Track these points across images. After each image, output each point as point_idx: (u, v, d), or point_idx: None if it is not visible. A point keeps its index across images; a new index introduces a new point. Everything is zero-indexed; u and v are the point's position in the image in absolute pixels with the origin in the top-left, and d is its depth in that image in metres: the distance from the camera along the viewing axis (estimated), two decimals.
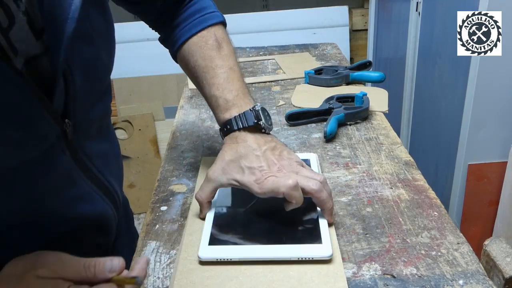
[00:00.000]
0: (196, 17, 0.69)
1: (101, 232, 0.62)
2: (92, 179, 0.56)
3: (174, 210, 0.68)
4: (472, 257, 0.55)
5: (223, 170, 0.59)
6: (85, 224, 0.57)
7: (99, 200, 0.58)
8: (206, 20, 0.69)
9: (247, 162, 0.58)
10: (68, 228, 0.55)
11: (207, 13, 0.69)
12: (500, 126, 1.37)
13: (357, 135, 0.87)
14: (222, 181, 0.59)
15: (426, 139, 1.76)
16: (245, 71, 1.26)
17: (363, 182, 0.72)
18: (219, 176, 0.59)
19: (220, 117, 0.64)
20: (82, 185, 0.55)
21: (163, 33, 0.73)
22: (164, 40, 0.74)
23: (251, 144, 0.60)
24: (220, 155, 0.61)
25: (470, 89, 1.34)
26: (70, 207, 0.53)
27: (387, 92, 1.05)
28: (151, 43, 2.35)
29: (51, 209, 0.51)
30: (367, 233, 0.60)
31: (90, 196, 0.56)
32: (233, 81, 0.64)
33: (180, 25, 0.69)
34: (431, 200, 0.66)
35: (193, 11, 0.69)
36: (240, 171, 0.58)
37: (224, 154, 0.60)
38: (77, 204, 0.54)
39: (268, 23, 2.43)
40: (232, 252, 0.55)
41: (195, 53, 0.67)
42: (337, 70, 1.13)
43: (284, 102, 1.04)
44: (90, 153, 0.56)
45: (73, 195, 0.53)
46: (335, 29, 2.47)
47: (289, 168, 0.58)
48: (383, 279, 0.53)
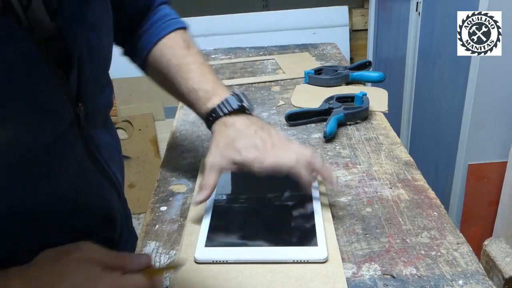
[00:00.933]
0: (162, 22, 0.71)
1: (108, 225, 0.62)
2: (100, 169, 0.57)
3: (173, 210, 0.68)
4: (471, 257, 0.55)
5: (221, 155, 0.60)
6: (95, 216, 0.57)
7: (106, 191, 0.59)
8: (172, 25, 0.71)
9: (241, 143, 0.59)
10: (79, 219, 0.55)
11: (171, 19, 0.72)
12: (500, 126, 1.37)
13: (357, 135, 0.87)
14: (222, 165, 0.59)
15: (426, 139, 1.76)
16: (245, 71, 1.26)
17: (362, 182, 0.72)
18: (219, 161, 0.59)
19: (203, 108, 0.64)
20: (92, 175, 0.55)
21: (128, 45, 0.74)
22: (130, 52, 0.74)
23: (240, 126, 0.61)
24: (213, 143, 0.61)
25: (470, 89, 1.34)
26: (81, 196, 0.54)
27: (387, 92, 1.05)
28: None
29: (64, 197, 0.52)
30: (366, 233, 0.60)
31: (99, 187, 0.57)
32: (207, 75, 0.66)
33: (148, 31, 0.71)
34: (431, 200, 0.66)
35: (158, 17, 0.72)
36: (236, 152, 0.59)
37: (217, 140, 0.61)
38: (88, 194, 0.55)
39: (268, 23, 2.43)
40: (228, 254, 0.55)
41: (166, 54, 0.69)
42: (337, 70, 1.13)
43: (284, 102, 1.04)
44: (98, 143, 0.56)
45: (84, 184, 0.54)
46: (335, 29, 2.47)
47: (281, 144, 0.60)
48: (383, 279, 0.52)
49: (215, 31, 2.39)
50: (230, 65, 1.33)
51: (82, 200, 0.54)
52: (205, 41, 2.28)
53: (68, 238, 0.46)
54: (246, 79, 1.20)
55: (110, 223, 0.62)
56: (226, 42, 2.15)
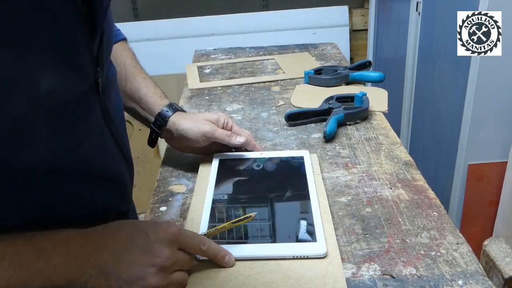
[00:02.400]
0: (114, 30, 0.78)
1: (119, 198, 0.64)
2: (113, 137, 0.59)
3: (173, 211, 0.68)
4: (471, 257, 0.55)
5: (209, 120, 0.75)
6: (109, 184, 0.59)
7: (119, 160, 0.61)
8: (119, 35, 0.82)
9: (206, 115, 0.77)
10: (95, 185, 0.57)
11: (117, 29, 0.81)
12: (500, 126, 1.37)
13: (356, 135, 0.87)
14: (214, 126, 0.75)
15: (426, 139, 1.76)
16: (245, 71, 1.26)
17: (362, 182, 0.72)
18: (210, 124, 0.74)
19: (161, 102, 0.78)
20: (107, 141, 0.58)
21: None
22: None
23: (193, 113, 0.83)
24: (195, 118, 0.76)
25: (470, 89, 1.34)
26: (97, 161, 0.56)
27: (386, 92, 1.05)
28: (151, 43, 2.36)
29: (82, 160, 0.53)
30: (366, 233, 0.60)
31: (113, 154, 0.60)
32: (155, 84, 0.82)
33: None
34: (431, 200, 0.66)
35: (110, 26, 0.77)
36: (212, 115, 0.77)
37: (185, 118, 0.75)
38: (103, 159, 0.57)
39: (268, 23, 2.43)
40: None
41: (121, 56, 0.79)
42: (337, 70, 1.13)
43: (284, 102, 1.04)
44: (111, 113, 0.59)
45: (100, 149, 0.56)
46: (335, 29, 2.47)
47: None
48: (383, 279, 0.52)
49: (215, 31, 2.39)
50: (230, 65, 1.33)
51: (97, 163, 0.56)
52: (205, 41, 2.28)
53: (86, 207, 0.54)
54: (246, 79, 1.20)
55: (122, 196, 0.64)
56: (226, 42, 2.15)
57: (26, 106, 0.44)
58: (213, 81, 1.20)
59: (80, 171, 0.53)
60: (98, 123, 0.55)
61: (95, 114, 0.54)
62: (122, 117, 0.67)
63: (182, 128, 0.74)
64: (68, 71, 0.47)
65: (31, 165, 0.47)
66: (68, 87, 0.48)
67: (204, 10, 2.48)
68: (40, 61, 0.43)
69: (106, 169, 0.58)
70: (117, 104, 0.65)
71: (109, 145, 0.58)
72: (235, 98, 1.09)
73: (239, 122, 0.96)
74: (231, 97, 1.09)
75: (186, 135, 0.74)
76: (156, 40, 2.35)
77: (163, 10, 2.55)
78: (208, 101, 1.08)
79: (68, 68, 0.47)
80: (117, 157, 0.61)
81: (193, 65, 1.34)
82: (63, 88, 0.47)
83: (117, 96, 0.66)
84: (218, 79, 1.22)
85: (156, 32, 2.34)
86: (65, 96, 0.48)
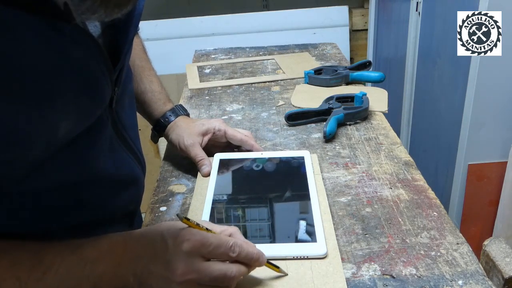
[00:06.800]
0: None
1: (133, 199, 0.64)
2: (127, 146, 0.60)
3: (173, 211, 0.68)
4: (471, 257, 0.55)
5: (196, 134, 0.77)
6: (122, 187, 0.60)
7: (134, 166, 0.62)
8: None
9: (200, 121, 0.80)
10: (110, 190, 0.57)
11: None
12: (500, 126, 1.37)
13: (356, 135, 0.87)
14: (198, 140, 0.77)
15: (426, 139, 1.76)
16: (245, 71, 1.26)
17: (362, 182, 0.72)
18: (195, 138, 0.77)
19: (163, 107, 0.81)
20: (121, 152, 0.59)
21: None
22: None
23: (189, 119, 0.82)
24: (184, 129, 0.78)
25: (470, 89, 1.34)
26: (108, 168, 0.56)
27: (386, 92, 1.05)
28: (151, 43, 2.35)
29: (94, 172, 0.53)
30: (366, 233, 0.60)
31: (128, 162, 0.61)
32: (162, 85, 0.84)
33: None
34: (431, 200, 0.66)
35: None
36: (200, 125, 0.79)
37: (181, 128, 0.78)
38: (119, 168, 0.58)
39: (268, 23, 2.43)
40: None
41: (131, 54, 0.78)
42: (337, 70, 1.13)
43: (284, 102, 1.04)
44: (125, 123, 0.60)
45: (115, 159, 0.57)
46: (335, 29, 2.47)
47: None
48: (383, 279, 0.52)
49: (215, 31, 2.38)
50: (230, 65, 1.33)
51: (115, 172, 0.57)
52: (205, 41, 2.28)
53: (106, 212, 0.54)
54: (246, 79, 1.20)
55: (135, 197, 0.65)
56: (226, 42, 2.15)
57: (44, 150, 0.44)
58: (213, 81, 1.20)
59: (93, 181, 0.54)
60: (108, 139, 0.55)
61: (107, 128, 0.55)
62: (134, 121, 0.67)
63: (170, 139, 0.80)
64: (89, 108, 0.48)
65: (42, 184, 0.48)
66: (87, 122, 0.49)
67: (204, 10, 2.47)
68: (63, 110, 0.43)
69: (119, 174, 0.58)
70: (130, 106, 0.65)
71: (121, 152, 0.59)
72: (235, 98, 1.09)
73: (239, 122, 0.96)
74: (231, 97, 1.09)
75: (173, 145, 0.79)
76: (156, 40, 2.34)
77: (163, 10, 2.55)
78: (208, 101, 1.08)
79: (90, 106, 0.48)
80: (131, 162, 0.61)
81: (193, 65, 1.34)
82: (82, 125, 0.48)
83: (130, 101, 0.65)
84: (218, 79, 1.22)
85: (156, 32, 2.33)
86: (81, 129, 0.48)
